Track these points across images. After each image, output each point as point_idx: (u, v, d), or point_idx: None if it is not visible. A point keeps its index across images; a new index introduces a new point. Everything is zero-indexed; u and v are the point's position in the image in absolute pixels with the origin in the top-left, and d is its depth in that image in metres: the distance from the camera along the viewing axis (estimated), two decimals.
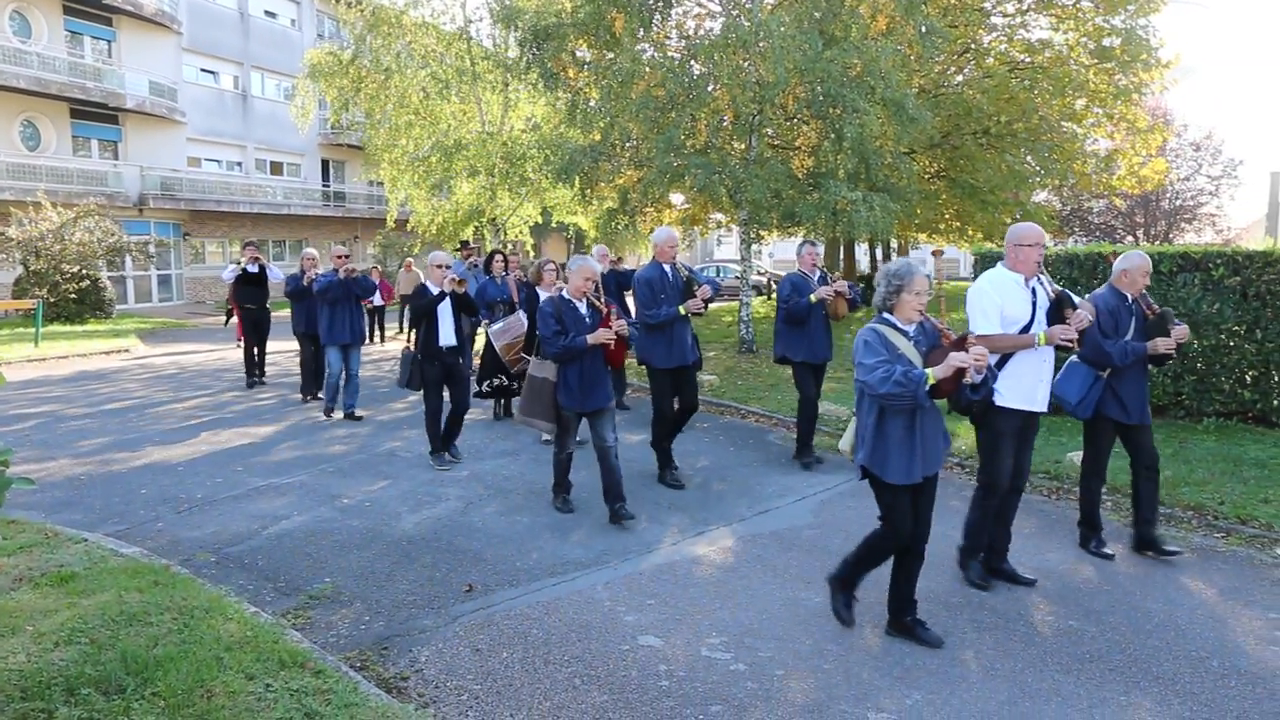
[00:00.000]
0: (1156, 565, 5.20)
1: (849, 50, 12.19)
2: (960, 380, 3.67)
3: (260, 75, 31.67)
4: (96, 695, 3.24)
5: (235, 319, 12.74)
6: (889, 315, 3.92)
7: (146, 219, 26.77)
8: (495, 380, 8.37)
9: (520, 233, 22.23)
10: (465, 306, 7.40)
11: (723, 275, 27.97)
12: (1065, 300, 4.65)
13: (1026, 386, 4.63)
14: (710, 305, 7.02)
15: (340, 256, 9.25)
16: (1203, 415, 8.37)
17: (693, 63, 13.76)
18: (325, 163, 34.97)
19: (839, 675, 3.83)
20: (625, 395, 9.94)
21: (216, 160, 30.41)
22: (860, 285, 7.49)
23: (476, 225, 21.06)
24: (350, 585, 4.78)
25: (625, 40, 13.61)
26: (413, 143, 20.60)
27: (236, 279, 11.32)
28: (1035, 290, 4.65)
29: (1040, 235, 4.64)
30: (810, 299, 7.03)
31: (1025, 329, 4.59)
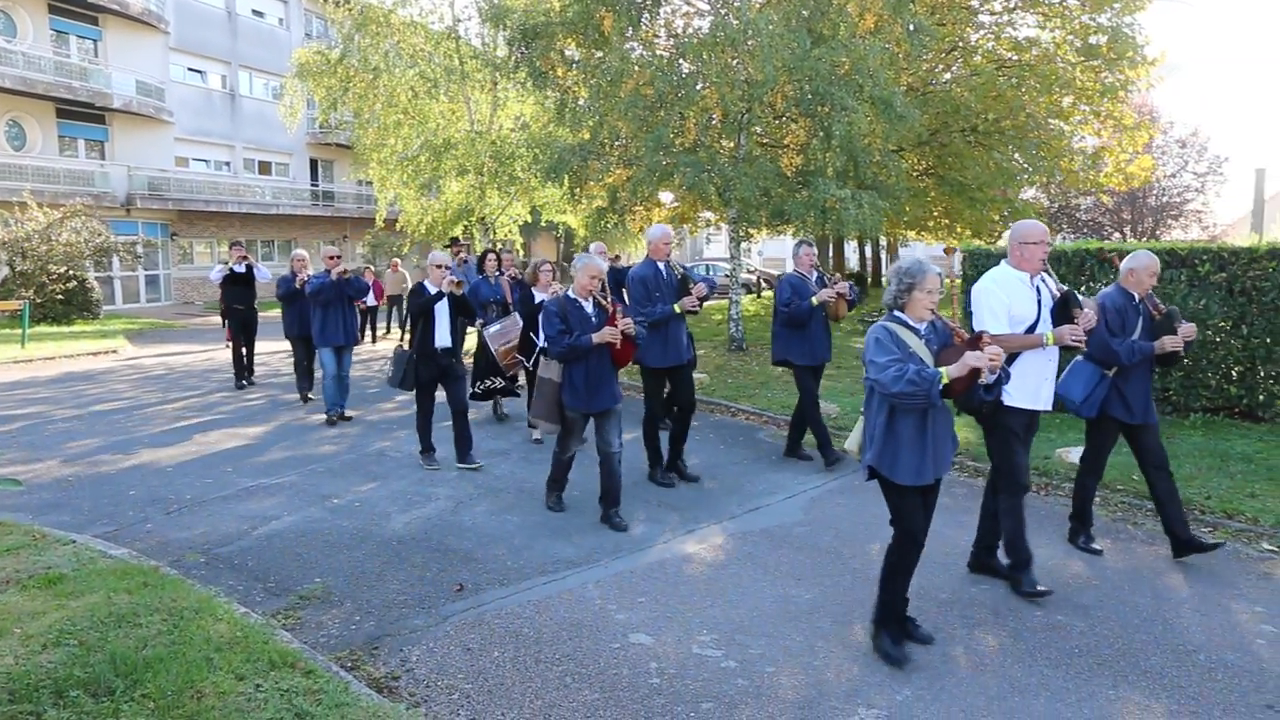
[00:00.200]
0: (1144, 560, 5.24)
1: (837, 48, 12.23)
2: (974, 380, 3.61)
3: (248, 74, 31.52)
4: (85, 697, 3.23)
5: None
6: (900, 313, 3.84)
7: (134, 219, 26.61)
8: (488, 382, 8.33)
9: (510, 232, 22.19)
10: (463, 309, 7.38)
11: (712, 273, 27.97)
12: (1071, 300, 4.59)
13: (1032, 386, 4.60)
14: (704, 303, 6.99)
15: (332, 258, 9.15)
16: (1190, 411, 8.44)
17: (681, 61, 13.79)
18: (314, 162, 34.83)
19: (829, 671, 3.84)
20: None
21: (204, 160, 30.25)
22: (852, 283, 7.44)
23: (466, 224, 21.02)
24: (340, 585, 4.77)
25: (614, 39, 13.63)
26: (401, 142, 20.53)
27: (224, 279, 11.28)
28: (1040, 288, 4.62)
29: (1045, 233, 4.61)
30: (812, 302, 6.97)
31: (1031, 328, 4.56)
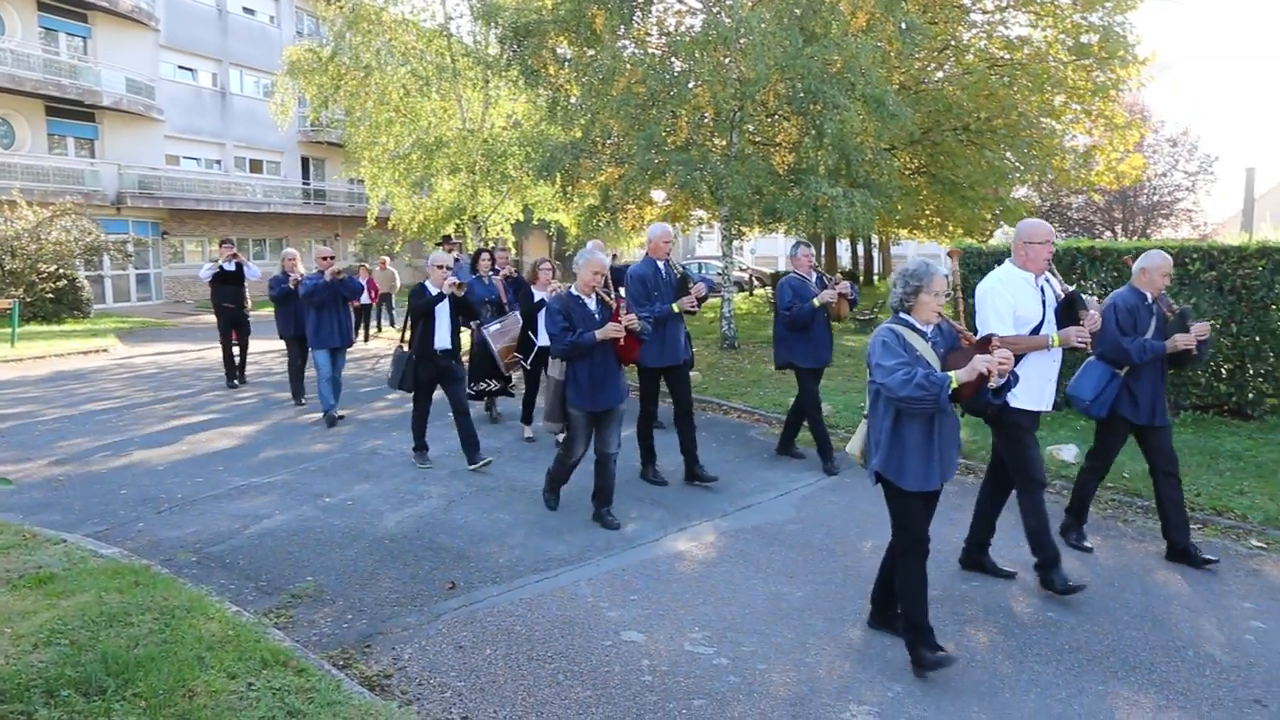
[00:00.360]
0: (1134, 557, 5.27)
1: (829, 47, 12.24)
2: (982, 384, 3.54)
3: (239, 72, 31.36)
4: (77, 696, 3.22)
5: None
6: (906, 316, 3.77)
7: (124, 218, 26.47)
8: (485, 383, 8.32)
9: (502, 230, 22.16)
10: (464, 310, 7.35)
11: (705, 271, 28.01)
12: (1077, 301, 4.57)
13: (1035, 387, 4.57)
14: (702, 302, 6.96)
15: (325, 258, 8.99)
16: (1179, 408, 8.48)
17: (673, 59, 13.79)
18: (305, 160, 34.70)
19: (821, 668, 3.86)
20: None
21: (195, 158, 30.09)
22: (853, 283, 7.43)
23: (458, 223, 20.99)
24: (332, 583, 4.77)
25: (606, 37, 13.61)
26: (393, 140, 20.49)
27: (214, 278, 11.20)
28: (1044, 288, 4.61)
29: (1050, 232, 4.57)
30: (814, 304, 6.93)
31: (1036, 329, 4.54)
